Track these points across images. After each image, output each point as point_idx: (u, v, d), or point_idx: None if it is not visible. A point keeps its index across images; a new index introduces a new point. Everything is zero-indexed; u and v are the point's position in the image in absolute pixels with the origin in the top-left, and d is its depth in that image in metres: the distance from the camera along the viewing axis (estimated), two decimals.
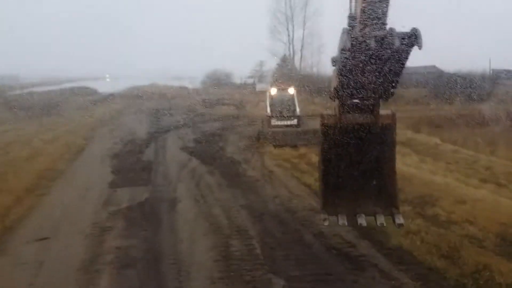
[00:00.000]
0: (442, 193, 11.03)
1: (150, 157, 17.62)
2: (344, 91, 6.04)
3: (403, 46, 5.12)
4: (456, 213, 9.61)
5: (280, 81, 33.78)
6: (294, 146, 17.91)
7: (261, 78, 59.84)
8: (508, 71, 39.98)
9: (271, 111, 20.52)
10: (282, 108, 20.57)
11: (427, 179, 12.53)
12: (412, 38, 5.07)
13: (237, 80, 64.70)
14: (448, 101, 30.92)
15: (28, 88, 66.67)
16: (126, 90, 61.01)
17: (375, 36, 5.16)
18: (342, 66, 5.62)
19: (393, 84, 5.68)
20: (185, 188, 12.82)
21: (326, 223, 6.74)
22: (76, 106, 38.48)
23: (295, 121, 20.03)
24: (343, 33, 5.49)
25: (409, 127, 22.70)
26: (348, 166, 6.82)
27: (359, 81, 5.75)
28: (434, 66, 43.04)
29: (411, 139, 20.31)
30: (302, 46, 56.32)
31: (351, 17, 5.72)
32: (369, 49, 5.17)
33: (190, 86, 69.66)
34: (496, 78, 35.64)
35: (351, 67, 5.55)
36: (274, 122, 20.08)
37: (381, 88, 5.75)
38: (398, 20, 5.30)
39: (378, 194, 6.82)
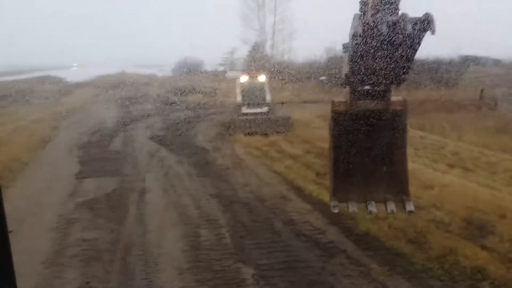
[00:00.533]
0: (410, 179, 11.11)
1: (118, 147, 17.33)
2: (355, 77, 5.98)
3: (415, 32, 5.06)
4: (423, 198, 9.71)
5: (250, 69, 33.60)
6: (265, 134, 17.87)
7: (232, 65, 59.51)
8: (475, 57, 40.55)
9: (242, 99, 20.38)
10: (253, 96, 20.43)
11: None
12: (425, 23, 5.01)
13: (208, 68, 64.11)
14: (416, 87, 31.17)
15: None
16: (94, 79, 59.92)
17: (387, 21, 5.09)
18: (353, 52, 5.55)
19: (405, 70, 5.62)
20: (154, 178, 12.65)
21: (336, 210, 6.69)
22: (43, 95, 37.53)
23: (265, 109, 19.93)
24: (354, 18, 5.41)
25: None
26: (359, 152, 6.78)
27: (370, 67, 5.69)
28: None
29: None
30: (273, 33, 56.15)
31: (363, 2, 5.64)
32: (380, 35, 5.10)
33: (160, 74, 68.81)
34: (463, 64, 36.12)
35: (362, 53, 5.48)
36: (244, 110, 19.93)
37: (393, 74, 5.69)
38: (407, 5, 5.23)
39: (389, 181, 6.82)
